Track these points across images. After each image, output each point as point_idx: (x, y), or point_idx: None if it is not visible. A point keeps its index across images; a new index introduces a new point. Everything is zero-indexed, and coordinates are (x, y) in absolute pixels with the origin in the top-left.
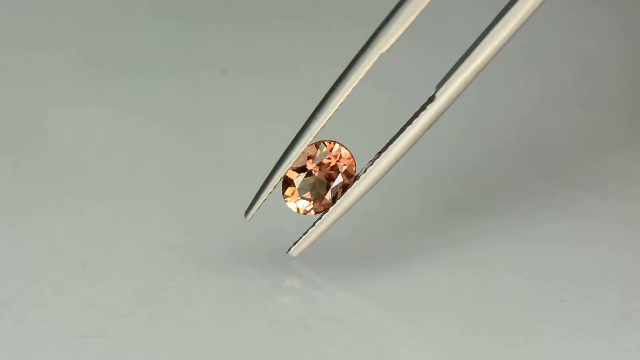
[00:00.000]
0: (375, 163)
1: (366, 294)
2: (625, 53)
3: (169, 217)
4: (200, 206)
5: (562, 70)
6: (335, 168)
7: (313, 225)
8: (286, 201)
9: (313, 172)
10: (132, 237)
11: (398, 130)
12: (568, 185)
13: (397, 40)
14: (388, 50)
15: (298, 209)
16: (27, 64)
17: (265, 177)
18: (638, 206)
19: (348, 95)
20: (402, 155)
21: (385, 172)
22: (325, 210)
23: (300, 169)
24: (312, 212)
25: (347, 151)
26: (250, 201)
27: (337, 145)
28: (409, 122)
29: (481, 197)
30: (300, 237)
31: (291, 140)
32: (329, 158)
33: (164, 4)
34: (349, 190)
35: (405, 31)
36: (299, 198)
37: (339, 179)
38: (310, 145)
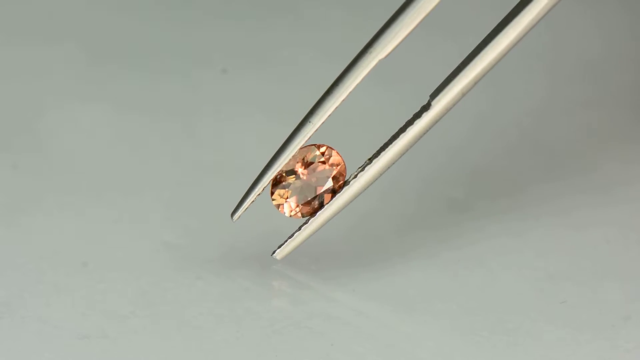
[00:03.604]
0: (365, 169)
1: (366, 294)
2: (628, 52)
3: (169, 217)
4: (200, 206)
5: (565, 70)
6: (324, 173)
7: (299, 228)
8: (274, 203)
9: (302, 176)
10: (132, 237)
11: (391, 136)
12: (569, 185)
13: (397, 47)
14: (387, 56)
15: (285, 211)
16: (26, 63)
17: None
18: (639, 207)
19: (344, 100)
20: (394, 163)
21: (376, 179)
22: (313, 214)
23: (290, 172)
24: (300, 215)
25: (338, 156)
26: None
27: (328, 149)
28: (402, 129)
29: (481, 198)
30: (286, 240)
31: (283, 142)
32: (319, 162)
33: (163, 2)
34: (337, 195)
35: (405, 38)
36: (287, 201)
37: (328, 183)
38: (301, 148)
